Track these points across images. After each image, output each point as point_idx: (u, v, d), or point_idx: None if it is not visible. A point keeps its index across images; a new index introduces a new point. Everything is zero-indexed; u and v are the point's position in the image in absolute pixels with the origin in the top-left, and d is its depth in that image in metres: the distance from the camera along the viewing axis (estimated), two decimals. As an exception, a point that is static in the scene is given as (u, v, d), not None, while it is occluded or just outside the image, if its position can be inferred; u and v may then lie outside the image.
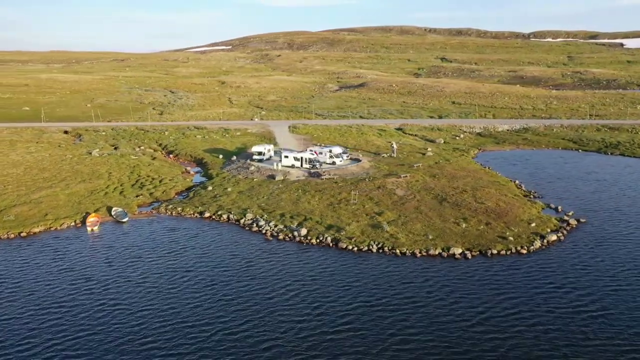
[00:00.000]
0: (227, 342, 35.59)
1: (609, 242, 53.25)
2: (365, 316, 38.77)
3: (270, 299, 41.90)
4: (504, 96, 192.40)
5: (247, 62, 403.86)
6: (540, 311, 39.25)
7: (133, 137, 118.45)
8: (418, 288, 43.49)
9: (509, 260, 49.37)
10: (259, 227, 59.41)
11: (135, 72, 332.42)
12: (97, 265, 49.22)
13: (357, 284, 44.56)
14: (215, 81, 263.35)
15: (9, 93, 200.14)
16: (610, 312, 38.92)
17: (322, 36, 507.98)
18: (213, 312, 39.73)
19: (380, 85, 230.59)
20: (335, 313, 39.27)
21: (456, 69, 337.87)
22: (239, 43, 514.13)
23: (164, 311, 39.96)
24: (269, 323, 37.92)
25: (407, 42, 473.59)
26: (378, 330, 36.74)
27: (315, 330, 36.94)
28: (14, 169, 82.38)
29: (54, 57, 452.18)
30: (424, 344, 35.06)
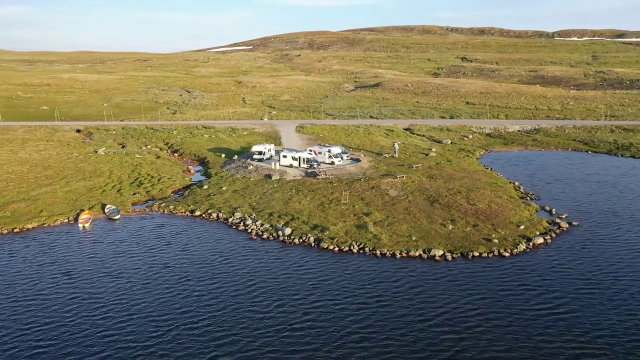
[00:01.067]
0: (185, 336, 36.07)
1: (596, 246, 52.10)
2: (328, 314, 38.90)
3: (237, 295, 42.32)
4: (519, 96, 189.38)
5: (267, 62, 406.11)
6: (505, 312, 38.79)
7: (142, 136, 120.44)
8: (387, 288, 43.31)
9: (489, 263, 48.70)
10: (245, 226, 59.88)
11: (155, 72, 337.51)
12: (79, 259, 50.38)
13: (327, 282, 44.61)
14: (232, 81, 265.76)
15: (30, 92, 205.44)
16: (575, 315, 38.29)
17: (343, 36, 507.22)
18: (179, 307, 40.35)
19: (395, 85, 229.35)
20: (298, 310, 39.51)
21: (476, 69, 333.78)
22: (260, 43, 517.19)
23: (132, 305, 40.77)
24: (231, 319, 38.36)
25: (428, 41, 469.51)
26: (336, 328, 36.88)
27: (274, 326, 37.25)
28: (20, 166, 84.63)
29: (79, 58, 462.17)
30: (379, 341, 35.05)
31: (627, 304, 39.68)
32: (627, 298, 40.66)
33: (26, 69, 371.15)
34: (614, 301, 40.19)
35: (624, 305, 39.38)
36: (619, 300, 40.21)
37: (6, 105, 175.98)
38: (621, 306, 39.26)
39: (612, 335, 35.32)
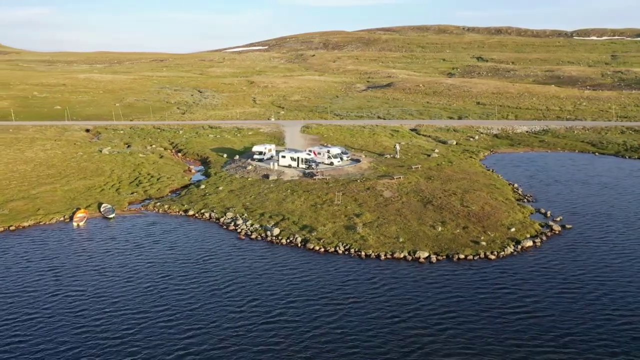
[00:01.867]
0: (156, 332, 36.75)
1: (585, 250, 51.21)
2: (300, 313, 39.22)
3: (215, 293, 42.96)
4: (531, 97, 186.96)
5: (282, 62, 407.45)
6: (479, 315, 38.55)
7: (148, 135, 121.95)
8: (365, 289, 43.34)
9: (473, 266, 48.30)
10: (235, 226, 60.31)
11: (171, 72, 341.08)
12: (67, 256, 51.62)
13: (306, 282, 44.86)
14: (244, 81, 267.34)
15: (46, 92, 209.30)
16: (550, 319, 37.84)
17: (358, 36, 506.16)
18: (156, 304, 41.13)
19: (406, 85, 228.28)
20: (271, 309, 39.89)
21: (491, 69, 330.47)
22: (276, 43, 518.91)
23: (111, 301, 41.73)
24: (204, 316, 38.97)
25: (444, 41, 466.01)
26: (306, 327, 37.19)
27: (245, 325, 37.65)
28: (24, 165, 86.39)
29: (97, 58, 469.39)
30: (347, 342, 35.18)
31: (606, 310, 38.95)
32: (608, 304, 39.95)
33: (45, 69, 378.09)
34: (594, 306, 39.53)
35: (603, 311, 38.69)
36: (598, 306, 39.53)
37: (22, 105, 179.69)
38: (600, 312, 38.58)
39: (583, 341, 34.79)
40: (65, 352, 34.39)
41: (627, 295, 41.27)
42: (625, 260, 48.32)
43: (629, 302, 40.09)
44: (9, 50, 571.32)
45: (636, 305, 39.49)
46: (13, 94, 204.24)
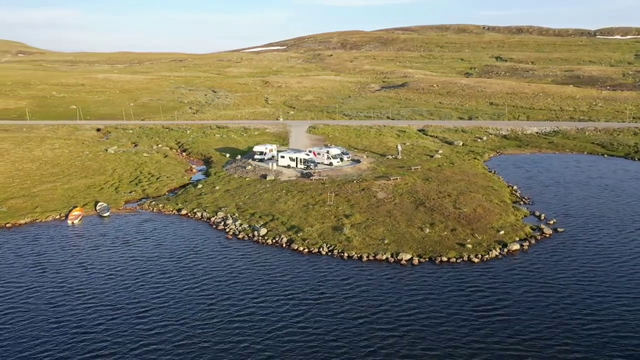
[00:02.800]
0: (125, 326, 37.98)
1: (573, 254, 50.27)
2: (268, 311, 39.87)
3: (190, 289, 43.99)
4: (546, 97, 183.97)
5: (299, 62, 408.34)
6: (445, 315, 38.71)
7: (156, 135, 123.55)
8: (335, 288, 43.65)
9: (455, 268, 47.86)
10: (225, 226, 60.78)
11: (189, 72, 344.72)
12: (55, 252, 53.06)
13: (281, 281, 45.33)
14: (259, 81, 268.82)
15: (64, 92, 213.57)
16: (515, 318, 37.82)
17: (376, 35, 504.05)
18: (131, 298, 42.39)
19: (420, 85, 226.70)
20: (241, 306, 40.64)
21: (510, 68, 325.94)
22: (294, 43, 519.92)
23: (90, 295, 43.11)
24: (175, 311, 40.05)
25: (463, 40, 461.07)
26: (269, 323, 37.90)
27: (212, 321, 38.43)
28: (30, 163, 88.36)
29: (118, 58, 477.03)
30: (308, 341, 35.59)
31: (578, 314, 38.47)
32: (582, 308, 39.37)
33: (68, 69, 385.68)
34: (567, 310, 39.04)
35: (575, 315, 38.23)
36: (572, 310, 38.98)
37: (39, 104, 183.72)
38: (571, 316, 38.06)
39: (547, 345, 34.38)
40: (33, 344, 35.30)
41: (604, 300, 40.61)
42: (611, 264, 47.39)
43: (605, 306, 39.45)
44: (33, 50, 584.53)
45: (610, 310, 38.89)
46: (32, 93, 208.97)
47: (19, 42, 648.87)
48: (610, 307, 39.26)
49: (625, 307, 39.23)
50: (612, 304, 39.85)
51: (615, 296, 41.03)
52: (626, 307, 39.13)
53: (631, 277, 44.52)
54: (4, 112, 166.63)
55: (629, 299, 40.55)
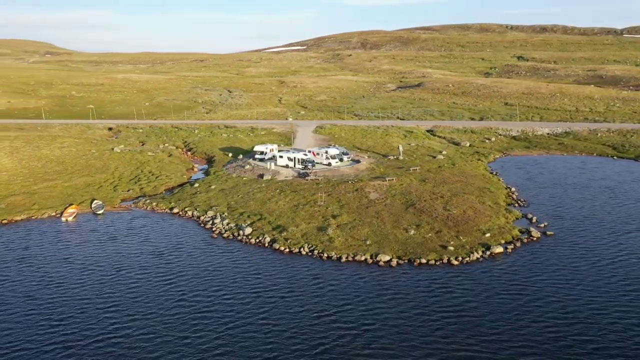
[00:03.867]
0: (92, 319, 39.23)
1: (557, 259, 49.13)
2: (229, 307, 40.76)
3: (162, 284, 45.24)
4: (563, 97, 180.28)
5: (318, 62, 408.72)
6: (410, 315, 38.68)
7: (164, 134, 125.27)
8: (302, 286, 44.19)
9: (432, 270, 47.43)
10: (212, 224, 61.34)
11: (208, 72, 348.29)
12: (43, 247, 54.87)
13: (253, 279, 46.02)
14: (275, 81, 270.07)
15: (83, 92, 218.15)
16: (480, 319, 37.61)
17: (397, 35, 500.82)
18: (105, 291, 43.92)
19: (436, 85, 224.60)
20: (206, 302, 41.62)
21: (531, 68, 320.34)
22: (314, 43, 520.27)
23: (65, 288, 44.73)
24: (142, 304, 41.34)
25: (485, 40, 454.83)
26: (228, 319, 38.73)
27: (178, 314, 39.68)
28: (37, 162, 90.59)
29: (141, 58, 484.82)
30: (261, 333, 36.62)
31: (542, 319, 37.77)
32: (549, 311, 38.73)
33: (91, 69, 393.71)
34: (533, 314, 38.38)
35: (539, 318, 37.64)
36: (536, 313, 38.39)
37: (58, 104, 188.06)
38: (536, 319, 37.42)
39: (506, 347, 33.88)
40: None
41: (574, 303, 39.97)
42: (590, 268, 46.47)
43: (572, 309, 38.93)
44: (61, 51, 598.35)
45: (578, 313, 38.31)
46: (53, 93, 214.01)
47: (47, 43, 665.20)
48: (579, 311, 38.67)
49: (594, 310, 38.56)
50: (582, 307, 39.25)
51: (587, 299, 40.34)
52: (596, 311, 38.41)
53: (607, 280, 43.67)
54: (23, 111, 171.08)
55: (599, 302, 39.80)
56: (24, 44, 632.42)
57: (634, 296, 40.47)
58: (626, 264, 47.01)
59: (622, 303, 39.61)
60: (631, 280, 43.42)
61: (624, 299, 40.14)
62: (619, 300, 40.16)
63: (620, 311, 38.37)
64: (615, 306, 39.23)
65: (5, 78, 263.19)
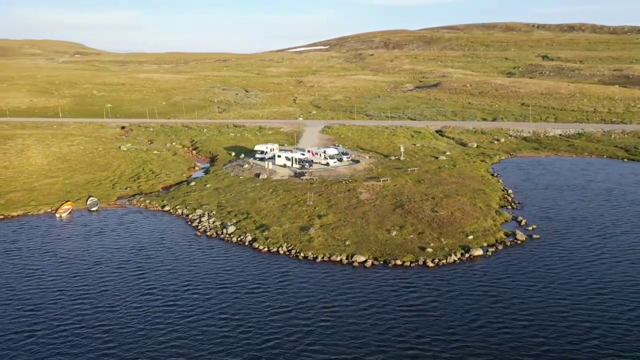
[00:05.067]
0: (60, 308, 40.81)
1: (534, 262, 48.03)
2: (193, 299, 41.97)
3: (133, 277, 46.69)
4: (582, 98, 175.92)
5: (339, 62, 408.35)
6: (366, 312, 38.94)
7: (174, 133, 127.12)
8: (268, 283, 44.70)
9: (405, 272, 46.97)
10: (199, 223, 62.02)
11: (230, 71, 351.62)
12: (30, 240, 56.83)
13: (220, 274, 46.91)
14: (293, 80, 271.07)
15: (104, 91, 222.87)
16: (438, 319, 37.53)
17: (420, 35, 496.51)
18: (77, 283, 45.70)
19: (453, 85, 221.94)
20: (172, 296, 42.79)
21: (555, 68, 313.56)
22: (337, 43, 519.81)
23: (44, 279, 46.65)
24: (109, 296, 42.94)
25: (509, 39, 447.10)
26: (179, 313, 39.89)
27: (141, 307, 40.95)
28: (44, 159, 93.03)
29: (166, 58, 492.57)
30: (217, 325, 37.65)
31: (500, 320, 37.27)
32: (510, 313, 38.05)
33: (118, 69, 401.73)
34: (492, 315, 37.86)
35: (493, 323, 36.97)
36: (496, 316, 37.71)
37: (78, 103, 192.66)
38: (490, 323, 36.72)
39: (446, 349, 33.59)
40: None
41: (538, 306, 39.26)
42: (567, 272, 45.46)
43: (532, 312, 38.30)
44: (90, 51, 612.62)
45: (540, 316, 37.76)
46: (75, 92, 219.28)
47: (77, 44, 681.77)
48: (539, 313, 38.11)
49: (556, 313, 38.07)
50: (543, 309, 38.67)
51: (552, 302, 39.74)
52: (556, 313, 37.96)
53: (578, 283, 42.95)
54: (44, 109, 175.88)
55: (563, 304, 39.23)
56: (55, 44, 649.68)
57: (600, 299, 39.62)
58: (602, 267, 45.99)
59: (587, 306, 38.89)
60: (602, 283, 42.60)
61: (589, 302, 39.37)
62: (584, 303, 39.44)
63: (581, 314, 37.76)
64: (578, 309, 38.57)
65: (32, 77, 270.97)
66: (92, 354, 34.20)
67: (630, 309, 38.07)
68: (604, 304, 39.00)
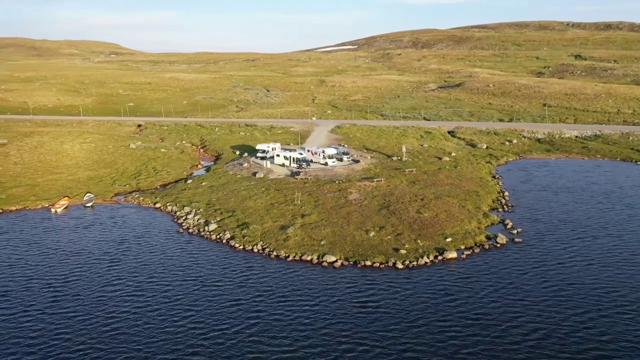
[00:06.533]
0: (33, 296, 42.92)
1: (506, 268, 46.94)
2: (152, 290, 43.69)
3: (104, 269, 48.54)
4: (608, 98, 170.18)
5: (366, 62, 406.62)
6: (312, 309, 39.43)
7: (186, 132, 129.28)
8: (230, 279, 45.72)
9: (371, 273, 46.77)
10: (185, 220, 62.98)
11: (257, 71, 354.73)
12: (19, 232, 59.35)
13: (187, 269, 48.23)
14: (316, 80, 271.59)
15: (129, 90, 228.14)
16: (384, 314, 36.65)
17: (450, 34, 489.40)
18: (51, 272, 47.85)
19: (476, 85, 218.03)
20: (134, 287, 44.69)
21: (587, 67, 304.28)
22: (365, 42, 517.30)
23: (24, 268, 48.99)
24: (78, 285, 44.98)
25: (542, 38, 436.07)
26: (148, 298, 41.97)
27: (102, 296, 42.88)
28: (53, 156, 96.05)
29: (197, 58, 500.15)
30: (169, 315, 39.19)
31: (446, 322, 37.00)
32: (463, 318, 37.39)
33: (148, 68, 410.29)
34: (438, 315, 37.79)
35: (437, 324, 36.79)
36: (446, 322, 37.20)
37: (102, 102, 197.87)
38: (435, 331, 36.16)
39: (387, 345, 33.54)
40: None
41: (490, 308, 38.72)
42: (533, 274, 44.68)
43: (483, 313, 37.89)
44: (124, 51, 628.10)
45: (486, 318, 37.47)
46: (102, 91, 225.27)
47: (114, 44, 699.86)
48: (490, 314, 37.80)
49: (508, 314, 37.62)
50: (494, 310, 38.29)
51: (506, 302, 39.35)
52: (508, 314, 37.51)
53: (539, 285, 42.47)
54: (69, 108, 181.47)
55: (518, 305, 38.70)
56: (92, 44, 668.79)
57: (555, 301, 39.13)
58: (571, 269, 45.33)
59: (540, 308, 38.39)
60: (564, 285, 42.01)
61: (543, 304, 39.00)
62: (538, 304, 39.03)
63: (533, 315, 37.40)
64: (530, 310, 38.21)
65: (64, 77, 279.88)
66: (43, 337, 36.08)
67: (585, 311, 37.56)
68: (558, 305, 38.61)
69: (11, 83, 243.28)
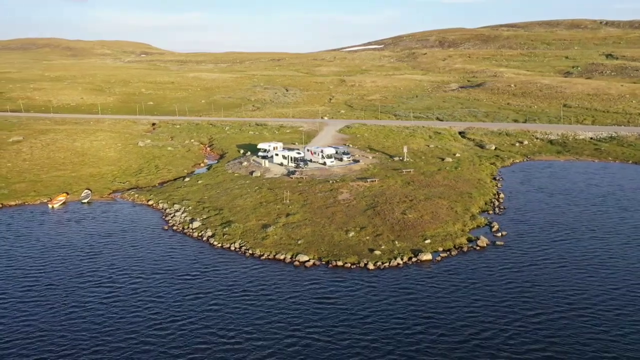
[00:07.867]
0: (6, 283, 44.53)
1: (479, 269, 46.15)
2: (124, 282, 45.20)
3: (80, 261, 50.19)
4: (632, 99, 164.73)
5: (391, 61, 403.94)
6: (274, 308, 39.72)
7: (196, 130, 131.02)
8: (199, 274, 46.59)
9: (343, 273, 46.57)
10: (172, 217, 63.94)
11: (281, 70, 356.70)
12: (12, 225, 61.58)
13: (159, 263, 49.38)
14: (336, 79, 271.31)
15: (151, 90, 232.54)
16: (343, 310, 36.00)
17: (477, 33, 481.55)
18: (29, 262, 49.63)
19: (497, 85, 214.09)
20: (102, 277, 46.43)
21: (617, 67, 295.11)
22: (391, 42, 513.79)
23: (8, 257, 51.10)
24: (38, 276, 46.74)
25: (573, 37, 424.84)
26: (119, 290, 43.52)
27: (81, 290, 43.94)
28: (63, 153, 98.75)
29: (224, 58, 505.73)
30: (134, 307, 40.49)
31: (403, 327, 36.37)
32: (420, 317, 37.17)
33: (176, 68, 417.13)
34: (394, 315, 37.56)
35: (391, 328, 36.27)
36: (402, 323, 36.84)
37: (124, 100, 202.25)
38: (392, 335, 35.68)
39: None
40: None
41: (450, 311, 38.20)
42: (500, 277, 43.74)
43: (442, 316, 37.42)
44: (154, 51, 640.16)
45: (445, 320, 37.05)
46: (124, 90, 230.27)
47: (145, 44, 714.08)
48: (447, 314, 37.43)
49: (467, 315, 37.24)
50: (456, 312, 37.87)
51: (468, 303, 38.81)
52: (468, 315, 37.03)
53: (504, 286, 41.75)
54: (90, 106, 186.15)
55: (476, 306, 38.14)
56: (124, 44, 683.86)
57: (514, 302, 38.82)
58: (543, 271, 44.51)
59: (495, 308, 37.90)
60: (527, 287, 41.44)
61: (500, 305, 38.48)
62: (495, 305, 38.54)
63: (486, 314, 37.05)
64: (485, 311, 37.81)
65: (91, 76, 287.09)
66: (14, 324, 37.78)
67: (540, 312, 36.99)
68: (516, 306, 38.14)
69: (41, 82, 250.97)
